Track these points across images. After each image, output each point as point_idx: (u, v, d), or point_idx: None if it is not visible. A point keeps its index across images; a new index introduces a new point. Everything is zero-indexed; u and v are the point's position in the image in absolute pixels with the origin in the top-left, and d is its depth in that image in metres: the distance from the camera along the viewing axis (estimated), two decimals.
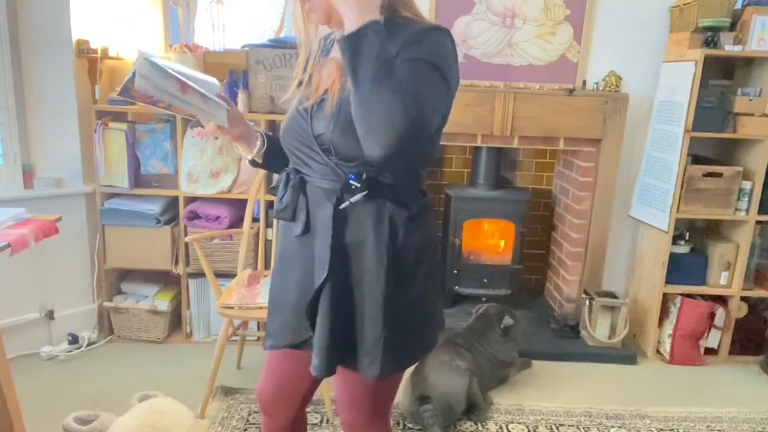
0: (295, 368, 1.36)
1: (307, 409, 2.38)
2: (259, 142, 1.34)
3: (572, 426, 2.40)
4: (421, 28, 1.09)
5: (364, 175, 1.15)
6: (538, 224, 3.56)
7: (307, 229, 1.22)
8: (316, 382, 1.41)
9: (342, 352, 1.21)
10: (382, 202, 1.17)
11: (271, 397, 1.42)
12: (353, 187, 1.16)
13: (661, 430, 2.41)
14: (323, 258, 1.18)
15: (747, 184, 2.84)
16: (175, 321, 3.02)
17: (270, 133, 1.40)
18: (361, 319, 1.20)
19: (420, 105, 0.98)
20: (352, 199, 1.16)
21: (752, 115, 2.79)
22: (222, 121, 1.21)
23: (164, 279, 3.03)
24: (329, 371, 1.22)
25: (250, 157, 1.36)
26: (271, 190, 1.32)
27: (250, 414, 2.37)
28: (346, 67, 1.00)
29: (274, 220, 2.74)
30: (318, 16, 1.16)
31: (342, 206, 1.17)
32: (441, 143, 3.11)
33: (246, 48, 2.81)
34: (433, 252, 1.28)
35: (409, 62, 1.02)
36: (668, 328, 3.00)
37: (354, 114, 1.01)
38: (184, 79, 1.12)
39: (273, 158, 1.37)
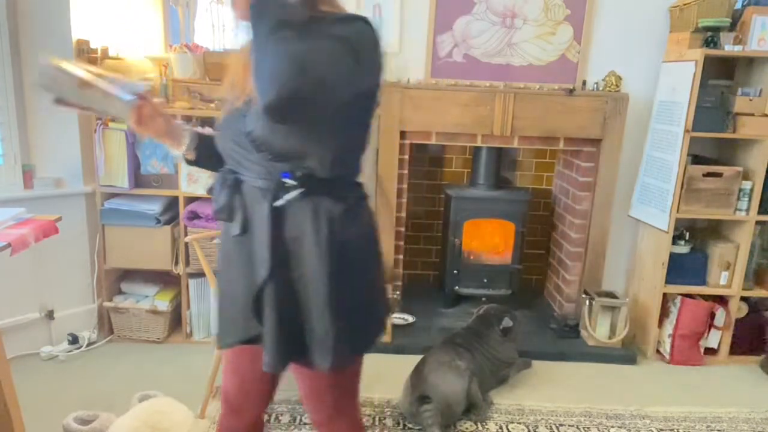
0: (255, 366, 1.36)
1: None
2: (187, 140, 1.35)
3: (572, 426, 2.40)
4: (341, 16, 1.12)
5: (298, 173, 1.17)
6: (538, 224, 3.56)
7: (245, 228, 1.23)
8: (276, 380, 1.43)
9: (293, 347, 1.23)
10: (318, 198, 1.19)
11: (238, 395, 1.45)
12: (287, 185, 1.18)
13: (661, 430, 2.41)
14: (263, 256, 1.19)
15: (747, 184, 2.84)
16: (175, 321, 3.02)
17: (204, 131, 1.41)
18: (308, 313, 1.22)
19: (315, 69, 1.00)
20: (287, 197, 1.18)
21: (752, 115, 2.79)
22: (120, 117, 1.23)
23: (164, 279, 3.03)
24: (280, 367, 1.24)
25: (178, 154, 1.37)
26: (209, 191, 1.33)
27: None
28: (251, 26, 1.03)
29: None
30: (239, 11, 1.16)
31: (277, 204, 1.18)
32: (441, 143, 3.14)
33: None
34: (372, 242, 1.31)
35: (324, 36, 1.05)
36: (668, 328, 3.00)
37: (252, 66, 1.04)
38: (85, 77, 1.16)
39: (208, 157, 1.38)
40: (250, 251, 1.23)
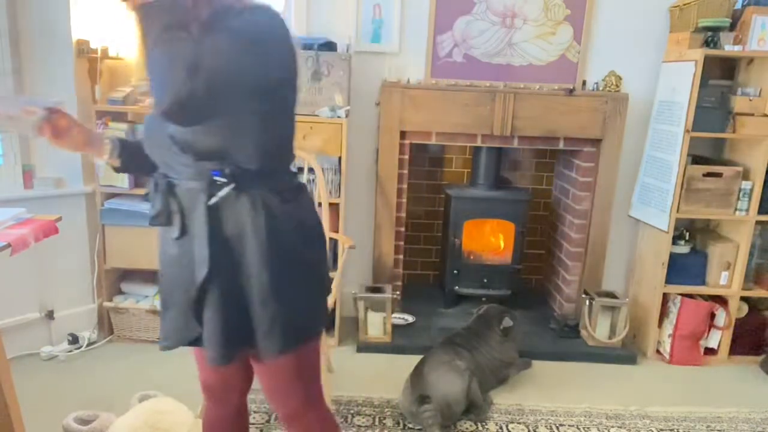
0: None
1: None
2: (108, 147, 1.34)
3: (572, 426, 2.40)
4: (242, 8, 1.10)
5: (228, 169, 1.17)
6: (538, 224, 3.56)
7: (184, 231, 1.24)
8: (248, 370, 1.46)
9: (238, 339, 1.25)
10: (253, 192, 1.20)
11: (217, 385, 1.47)
12: (219, 183, 1.18)
13: (661, 430, 2.41)
14: (202, 255, 1.20)
15: (747, 184, 2.84)
16: None
17: (128, 138, 1.41)
18: (253, 304, 1.23)
19: (207, 68, 1.00)
20: (220, 194, 1.18)
21: (752, 115, 2.79)
22: (25, 134, 1.25)
23: None
24: (225, 360, 1.25)
25: (102, 163, 1.38)
26: (145, 197, 1.33)
27: (250, 414, 2.36)
28: (141, 28, 1.05)
29: None
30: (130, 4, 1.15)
31: (211, 202, 1.18)
32: (441, 143, 3.14)
33: None
34: (311, 229, 1.32)
35: (222, 32, 1.05)
36: (668, 328, 3.00)
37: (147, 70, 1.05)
38: None
39: (136, 162, 1.37)
40: (190, 252, 1.24)
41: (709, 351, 3.04)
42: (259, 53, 1.08)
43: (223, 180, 1.18)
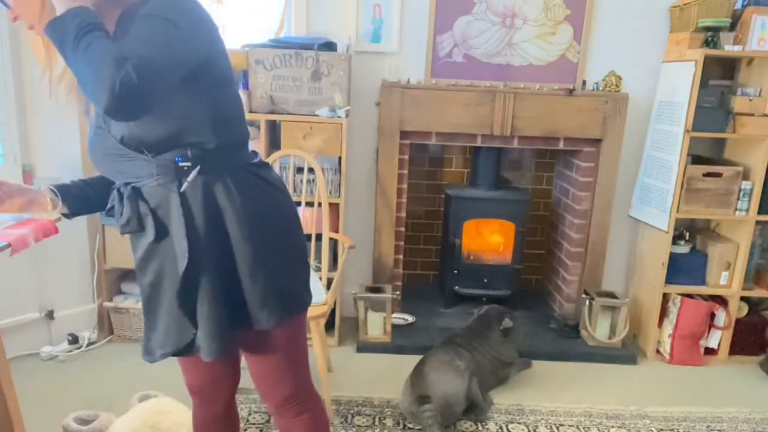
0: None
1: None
2: (48, 201, 1.33)
3: (572, 426, 2.40)
4: None
5: (189, 152, 1.17)
6: (538, 224, 3.56)
7: (160, 230, 1.22)
8: (237, 361, 1.48)
9: (234, 327, 1.25)
10: (222, 172, 1.21)
11: (204, 387, 1.47)
12: (185, 168, 1.18)
13: (661, 430, 2.41)
14: (181, 247, 1.20)
15: (747, 184, 2.84)
16: None
17: (68, 183, 1.39)
18: (243, 282, 1.23)
19: (136, 56, 0.99)
20: (189, 178, 1.18)
21: (752, 115, 2.79)
22: None
23: None
24: (224, 352, 1.24)
25: (52, 216, 1.36)
26: (108, 212, 1.30)
27: (250, 414, 2.37)
28: (56, 42, 1.03)
29: None
30: (27, 21, 1.13)
31: (183, 188, 1.18)
32: (441, 143, 3.14)
33: (246, 48, 2.81)
34: (284, 201, 1.33)
35: (138, 20, 1.05)
36: (668, 328, 3.00)
37: (76, 80, 1.04)
38: None
39: (86, 203, 1.38)
40: (170, 250, 1.23)
41: (709, 351, 3.04)
42: (179, 31, 1.07)
43: (188, 164, 1.18)
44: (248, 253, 1.22)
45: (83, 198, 1.37)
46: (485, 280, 3.28)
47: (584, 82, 3.09)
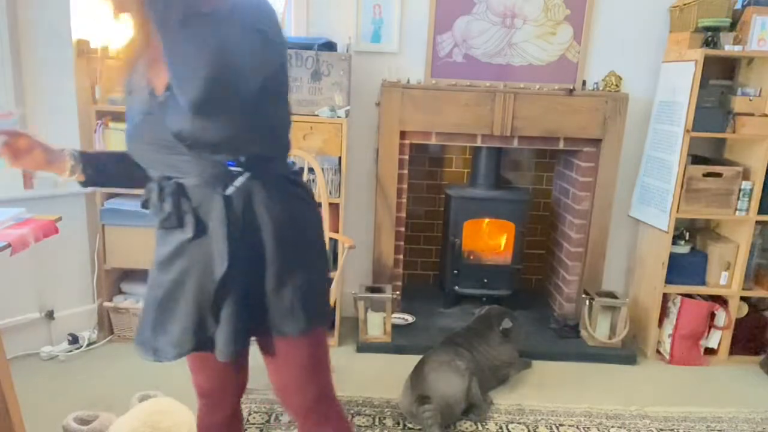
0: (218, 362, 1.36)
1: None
2: (69, 165, 1.30)
3: (572, 426, 2.40)
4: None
5: (242, 158, 1.17)
6: (538, 224, 3.56)
7: (199, 230, 1.21)
8: (246, 366, 1.48)
9: (251, 332, 1.26)
10: (266, 180, 1.21)
11: (214, 390, 1.46)
12: (234, 172, 1.18)
13: (661, 430, 2.41)
14: (220, 250, 1.19)
15: (747, 184, 2.84)
16: None
17: (92, 152, 1.38)
18: (271, 288, 1.23)
19: (231, 57, 1.01)
20: (237, 184, 1.18)
21: (752, 115, 2.79)
22: None
23: None
24: (238, 355, 1.25)
25: (66, 180, 1.34)
26: (144, 204, 1.28)
27: (250, 414, 2.37)
28: (157, 23, 1.02)
29: None
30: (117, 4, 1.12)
31: (228, 192, 1.18)
32: (441, 143, 3.14)
33: None
34: (315, 211, 1.35)
35: (231, 23, 1.05)
36: (668, 328, 3.00)
37: (168, 68, 1.04)
38: None
39: (104, 175, 1.37)
40: (204, 251, 1.21)
41: (709, 351, 3.04)
42: (265, 41, 1.09)
43: (239, 169, 1.18)
44: (279, 263, 1.22)
45: (102, 171, 1.35)
46: (485, 280, 3.28)
47: (584, 82, 3.08)
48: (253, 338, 1.31)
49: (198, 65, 0.98)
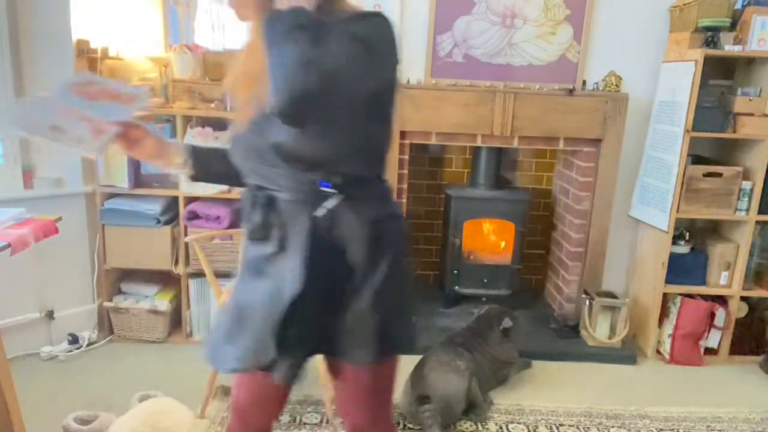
0: (267, 380, 1.32)
1: (308, 409, 2.40)
2: (180, 157, 1.31)
3: (572, 426, 2.40)
4: (356, 14, 1.10)
5: (336, 179, 1.14)
6: (538, 224, 3.56)
7: (282, 245, 1.19)
8: (288, 389, 1.40)
9: (334, 348, 1.22)
10: (356, 201, 1.17)
11: (253, 407, 1.40)
12: (326, 193, 1.14)
13: (661, 430, 2.41)
14: (296, 272, 1.16)
15: (747, 184, 2.84)
16: (175, 321, 3.02)
17: (199, 146, 1.37)
18: (349, 314, 1.19)
19: (326, 69, 0.98)
20: (328, 205, 1.15)
21: (752, 115, 2.79)
22: (82, 151, 1.21)
23: (164, 279, 3.03)
24: (296, 379, 1.21)
25: (174, 172, 1.34)
26: (236, 212, 1.29)
27: None
28: (264, 34, 1.02)
29: None
30: (242, 11, 1.14)
31: (319, 213, 1.15)
32: (441, 143, 3.14)
33: None
34: (405, 237, 1.30)
35: (336, 33, 1.03)
36: (668, 328, 3.00)
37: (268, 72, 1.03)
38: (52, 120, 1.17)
39: (211, 173, 1.36)
40: (281, 270, 1.19)
41: (709, 351, 3.04)
42: (372, 58, 1.06)
43: (332, 190, 1.14)
44: (367, 289, 1.18)
45: (207, 168, 1.35)
46: (485, 280, 3.28)
47: (584, 82, 3.08)
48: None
49: (288, 73, 0.97)
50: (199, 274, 2.86)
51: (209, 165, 1.35)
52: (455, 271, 3.27)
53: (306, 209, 1.16)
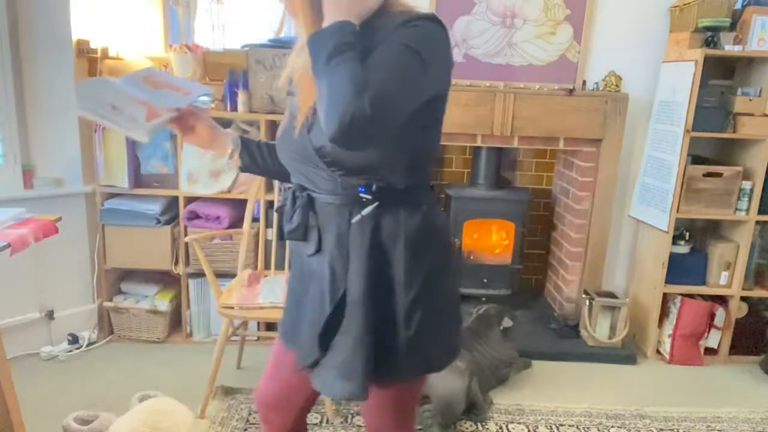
0: (301, 377, 1.32)
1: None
2: (231, 147, 1.32)
3: (572, 426, 2.40)
4: (410, 15, 1.06)
5: (375, 186, 1.11)
6: (538, 224, 3.56)
7: (320, 247, 1.18)
8: (317, 392, 1.35)
9: (365, 369, 1.16)
10: (395, 210, 1.14)
11: (270, 403, 1.39)
12: (364, 200, 1.12)
13: (661, 430, 2.41)
14: (338, 274, 1.15)
15: (747, 184, 2.84)
16: (175, 321, 3.02)
17: (253, 139, 1.38)
18: (386, 325, 1.16)
19: (381, 86, 0.94)
20: (364, 212, 1.12)
21: (752, 115, 2.79)
22: (141, 138, 1.21)
23: (164, 279, 3.03)
24: (367, 395, 1.15)
25: (224, 162, 1.36)
26: (278, 210, 1.28)
27: (250, 414, 2.37)
28: (310, 52, 1.01)
29: (274, 221, 2.73)
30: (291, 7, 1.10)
31: (354, 220, 1.13)
32: (441, 143, 3.13)
33: (246, 48, 2.81)
34: (448, 251, 1.25)
35: (386, 44, 1.00)
36: (668, 328, 3.00)
37: (317, 97, 1.01)
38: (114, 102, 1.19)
39: (260, 166, 1.37)
40: (323, 270, 1.18)
41: (709, 351, 3.04)
42: (425, 68, 1.01)
43: (368, 197, 1.12)
44: (401, 302, 1.14)
45: (256, 161, 1.37)
46: (485, 280, 3.28)
47: (584, 82, 3.08)
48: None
49: (338, 99, 0.94)
50: (199, 274, 2.87)
51: (258, 158, 1.37)
52: None
53: (343, 214, 1.14)
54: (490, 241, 3.41)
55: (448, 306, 1.25)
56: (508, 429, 2.36)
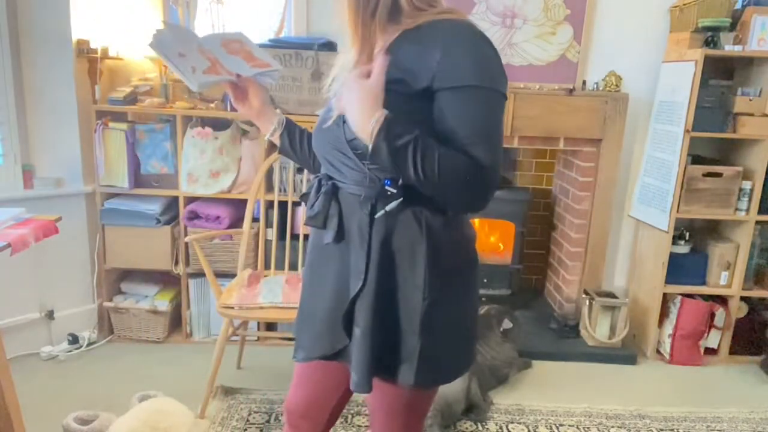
0: (328, 380, 1.32)
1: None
2: (273, 125, 1.38)
3: (572, 426, 2.40)
4: (444, 32, 1.06)
5: (400, 181, 1.10)
6: (538, 224, 3.56)
7: (339, 236, 1.18)
8: (347, 395, 1.36)
9: (378, 363, 1.16)
10: (419, 209, 1.13)
11: (300, 410, 1.38)
12: (389, 193, 1.11)
13: (661, 430, 2.41)
14: (358, 267, 1.14)
15: (747, 184, 2.84)
16: (175, 321, 3.02)
17: (298, 125, 1.42)
18: (399, 327, 1.15)
19: (490, 152, 1.05)
20: (388, 208, 1.11)
21: (752, 115, 2.79)
22: (191, 87, 1.25)
23: (164, 279, 3.03)
24: (370, 387, 1.15)
25: (266, 137, 1.41)
26: (302, 197, 1.29)
27: (250, 414, 2.37)
28: (388, 168, 1.07)
29: (274, 221, 2.74)
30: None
31: (377, 215, 1.12)
32: None
33: None
34: (471, 254, 1.24)
35: (460, 94, 1.04)
36: (668, 328, 3.00)
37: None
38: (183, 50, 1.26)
39: (295, 150, 1.41)
40: (343, 261, 1.18)
41: (709, 351, 3.04)
42: (502, 91, 1.08)
43: (393, 191, 1.11)
44: (416, 304, 1.13)
45: (293, 145, 1.41)
46: (485, 280, 3.28)
47: (584, 82, 3.08)
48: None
49: (464, 198, 1.09)
50: (199, 274, 2.87)
51: (297, 143, 1.41)
52: None
53: (366, 207, 1.14)
54: (490, 241, 3.41)
55: (465, 321, 1.23)
56: (508, 429, 2.36)
